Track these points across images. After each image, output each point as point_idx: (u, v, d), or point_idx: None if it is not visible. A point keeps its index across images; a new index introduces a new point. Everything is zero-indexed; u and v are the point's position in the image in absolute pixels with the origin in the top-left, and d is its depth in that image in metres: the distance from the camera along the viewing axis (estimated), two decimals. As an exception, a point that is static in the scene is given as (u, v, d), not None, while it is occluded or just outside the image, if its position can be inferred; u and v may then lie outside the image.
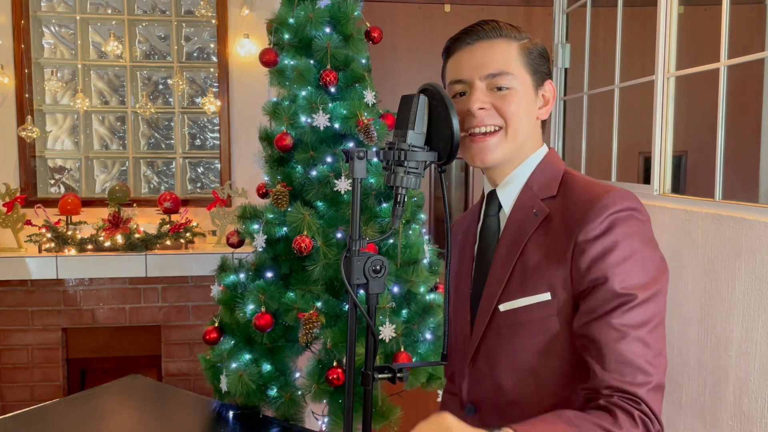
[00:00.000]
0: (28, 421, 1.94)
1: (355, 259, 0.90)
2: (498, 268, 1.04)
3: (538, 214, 1.03)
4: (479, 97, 1.03)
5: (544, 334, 0.99)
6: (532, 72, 1.06)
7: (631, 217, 0.96)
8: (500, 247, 1.06)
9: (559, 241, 0.98)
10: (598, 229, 0.94)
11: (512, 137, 1.04)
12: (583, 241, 0.95)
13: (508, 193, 1.08)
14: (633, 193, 1.00)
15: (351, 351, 0.89)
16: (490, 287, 1.04)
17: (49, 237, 3.13)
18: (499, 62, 1.03)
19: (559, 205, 1.02)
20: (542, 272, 0.99)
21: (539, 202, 1.04)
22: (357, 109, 2.16)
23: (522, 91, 1.04)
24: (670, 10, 2.11)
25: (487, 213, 1.11)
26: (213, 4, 3.39)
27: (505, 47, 1.05)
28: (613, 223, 0.94)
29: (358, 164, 0.90)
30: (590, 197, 0.97)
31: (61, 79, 3.52)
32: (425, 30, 3.83)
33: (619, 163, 2.53)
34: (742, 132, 2.96)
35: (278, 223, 2.20)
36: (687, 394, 1.87)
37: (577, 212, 0.97)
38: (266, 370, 2.14)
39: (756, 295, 1.60)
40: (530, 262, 1.01)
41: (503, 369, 1.03)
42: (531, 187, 1.06)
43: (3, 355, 3.26)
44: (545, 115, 1.09)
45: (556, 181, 1.05)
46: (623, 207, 0.96)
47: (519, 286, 1.01)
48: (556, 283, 0.97)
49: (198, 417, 2.10)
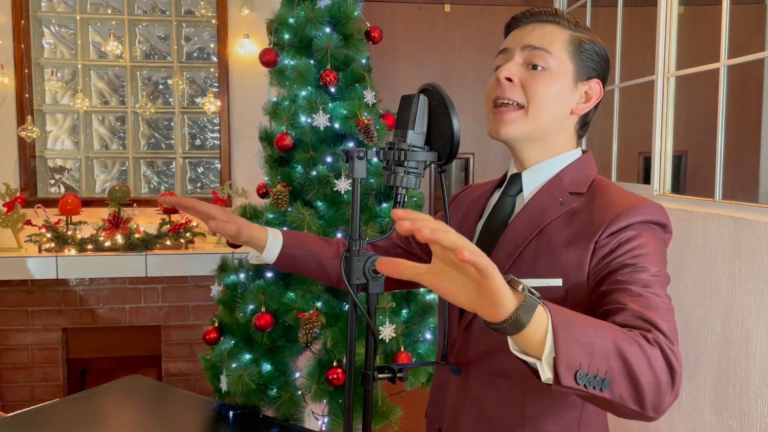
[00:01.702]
0: (28, 421, 1.94)
1: (355, 259, 0.90)
2: (508, 243, 1.03)
3: (564, 204, 1.02)
4: (510, 67, 1.03)
5: None
6: (578, 63, 1.04)
7: (655, 231, 0.97)
8: (514, 224, 1.04)
9: (583, 234, 0.97)
10: (630, 227, 0.94)
11: (533, 117, 1.02)
12: (613, 231, 0.94)
13: (534, 179, 1.07)
14: (664, 209, 0.99)
15: (351, 351, 0.90)
16: (497, 260, 1.02)
17: (49, 237, 3.13)
18: (543, 40, 1.03)
19: (586, 204, 1.01)
20: (558, 257, 0.98)
21: (567, 194, 1.03)
22: (357, 109, 2.16)
23: (557, 75, 1.03)
24: (670, 10, 2.11)
25: (505, 192, 1.11)
26: (213, 4, 3.39)
27: (555, 31, 1.04)
28: (641, 229, 0.95)
29: (358, 164, 0.90)
30: (626, 202, 0.97)
31: (61, 79, 3.52)
32: (425, 30, 3.83)
33: (619, 163, 2.53)
34: (742, 132, 2.96)
35: (278, 223, 2.20)
36: (687, 393, 1.87)
37: (608, 212, 0.97)
38: (266, 370, 2.14)
39: (756, 295, 1.60)
40: (547, 245, 0.99)
41: (498, 341, 1.02)
42: (561, 179, 1.05)
43: (3, 355, 3.26)
44: (581, 111, 1.07)
45: (587, 182, 1.05)
46: (655, 219, 0.97)
47: (530, 266, 1.00)
48: (570, 271, 0.96)
49: (198, 417, 2.10)
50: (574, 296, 0.97)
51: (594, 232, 0.96)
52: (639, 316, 0.85)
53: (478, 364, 1.06)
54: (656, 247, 0.95)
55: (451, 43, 3.83)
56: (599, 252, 0.94)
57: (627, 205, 0.96)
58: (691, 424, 1.86)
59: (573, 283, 0.96)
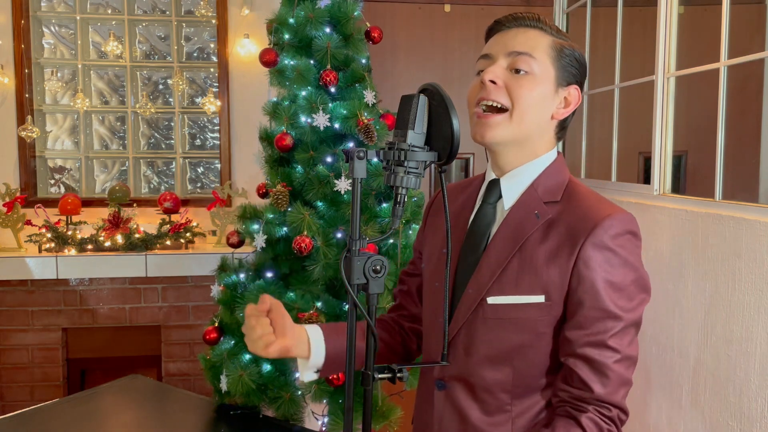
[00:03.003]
0: (28, 421, 1.94)
1: (355, 259, 0.90)
2: (491, 261, 1.05)
3: (539, 216, 1.04)
4: (494, 70, 1.04)
5: (530, 333, 1.01)
6: (559, 68, 1.06)
7: (630, 241, 1.01)
8: (496, 240, 1.06)
9: (562, 249, 1.00)
10: (604, 246, 0.98)
11: (517, 121, 1.04)
12: (588, 255, 0.98)
13: (513, 186, 1.08)
14: (634, 217, 1.03)
15: (351, 351, 0.89)
16: (481, 277, 1.05)
17: (49, 237, 3.13)
18: (526, 45, 1.04)
19: (561, 212, 1.03)
20: (540, 274, 1.00)
21: (542, 204, 1.05)
22: (357, 109, 2.16)
23: (540, 79, 1.04)
24: (670, 10, 2.11)
25: (485, 200, 1.11)
26: (213, 4, 3.39)
27: (539, 36, 1.06)
28: (618, 244, 0.99)
29: (358, 164, 0.89)
30: (598, 213, 1.00)
31: (61, 79, 3.52)
32: (425, 30, 3.83)
33: (619, 163, 2.53)
34: (742, 132, 2.96)
35: (278, 223, 2.20)
36: (687, 394, 1.87)
37: (584, 225, 0.99)
38: (266, 370, 2.14)
39: (756, 295, 1.60)
40: (528, 262, 1.02)
41: (481, 357, 1.05)
42: (536, 189, 1.07)
43: (3, 355, 3.26)
44: (561, 116, 1.08)
45: (560, 188, 1.07)
46: (627, 229, 1.00)
47: (513, 283, 1.02)
48: (552, 288, 1.00)
49: (198, 417, 2.10)
50: (558, 311, 1.01)
51: (572, 249, 0.99)
52: (606, 401, 0.98)
53: (461, 380, 1.08)
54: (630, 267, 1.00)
55: (451, 43, 3.83)
56: (578, 270, 0.98)
57: (599, 217, 0.99)
58: (691, 424, 1.86)
59: (556, 299, 1.00)
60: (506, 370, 1.03)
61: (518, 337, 1.02)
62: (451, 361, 1.09)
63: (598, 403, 0.98)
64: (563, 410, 1.00)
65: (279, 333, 1.08)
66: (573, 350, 0.99)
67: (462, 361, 1.07)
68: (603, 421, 0.98)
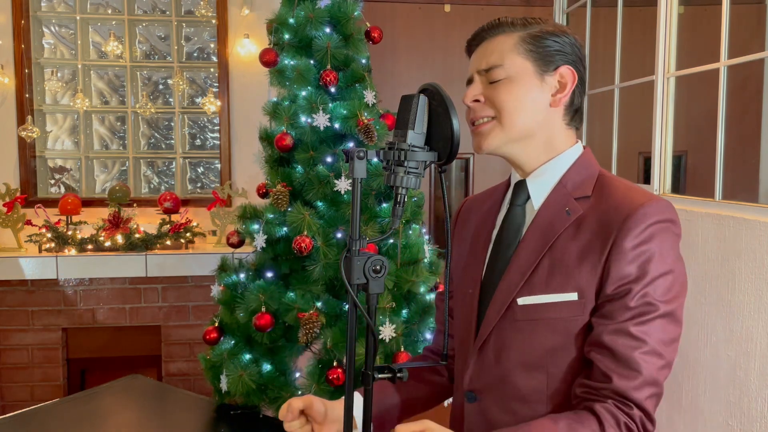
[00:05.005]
0: (28, 421, 1.94)
1: (355, 259, 0.90)
2: (521, 261, 1.03)
3: (570, 213, 1.02)
4: (471, 90, 1.08)
5: (563, 334, 0.98)
6: (536, 58, 1.04)
7: (668, 229, 0.97)
8: (526, 240, 1.04)
9: (594, 244, 0.97)
10: (638, 238, 0.94)
11: (508, 124, 1.04)
12: (621, 248, 0.94)
13: (540, 185, 1.07)
14: (671, 204, 0.99)
15: (351, 351, 0.89)
16: (511, 278, 1.03)
17: (49, 237, 3.13)
18: (491, 58, 1.05)
19: (593, 207, 1.01)
20: (571, 271, 0.98)
21: (573, 201, 1.03)
22: (357, 109, 2.16)
23: (516, 79, 1.04)
24: (670, 10, 2.11)
25: (513, 202, 1.10)
26: (213, 4, 3.39)
27: (502, 41, 1.06)
28: (652, 234, 0.95)
29: (358, 164, 0.89)
30: (631, 203, 0.97)
31: (61, 79, 3.52)
32: (425, 30, 3.83)
33: (619, 163, 2.53)
34: (742, 132, 2.96)
35: (278, 223, 2.20)
36: (687, 394, 1.87)
37: (616, 217, 0.96)
38: (266, 370, 2.14)
39: (756, 295, 1.60)
40: (559, 260, 0.99)
41: (513, 362, 1.02)
42: (565, 185, 1.05)
43: (3, 355, 3.26)
44: (561, 101, 1.06)
45: (591, 182, 1.05)
46: (664, 218, 0.96)
47: (544, 283, 0.99)
48: (585, 285, 0.97)
49: (198, 417, 2.10)
50: (591, 309, 0.97)
51: (604, 242, 0.96)
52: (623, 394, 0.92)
53: (493, 389, 1.05)
54: (667, 260, 0.95)
55: (451, 43, 3.83)
56: (612, 265, 0.95)
57: (632, 207, 0.95)
58: (691, 424, 1.86)
59: (589, 296, 0.97)
60: (540, 377, 1.00)
61: (551, 339, 0.99)
62: (482, 369, 1.06)
63: (617, 397, 0.93)
64: (579, 405, 0.96)
65: (318, 423, 1.06)
66: (596, 340, 0.95)
67: (493, 369, 1.04)
68: (621, 413, 0.92)
